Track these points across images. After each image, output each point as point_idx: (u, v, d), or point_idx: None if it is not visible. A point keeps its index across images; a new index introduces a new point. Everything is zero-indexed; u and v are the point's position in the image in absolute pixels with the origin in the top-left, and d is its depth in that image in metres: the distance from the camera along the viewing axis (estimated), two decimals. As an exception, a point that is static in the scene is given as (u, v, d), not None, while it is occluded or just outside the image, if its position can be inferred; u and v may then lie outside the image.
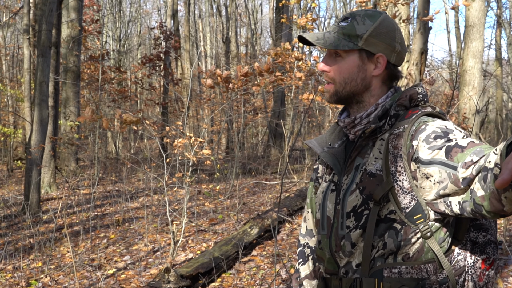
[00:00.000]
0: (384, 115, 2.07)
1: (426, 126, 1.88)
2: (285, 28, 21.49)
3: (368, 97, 2.14)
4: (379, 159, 2.01)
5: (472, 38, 13.07)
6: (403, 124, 1.99)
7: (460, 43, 27.95)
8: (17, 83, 27.36)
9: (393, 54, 2.11)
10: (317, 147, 2.24)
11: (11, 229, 10.92)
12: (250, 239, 8.10)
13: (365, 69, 2.11)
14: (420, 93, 2.07)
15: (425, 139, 1.84)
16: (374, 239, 1.98)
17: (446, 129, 1.84)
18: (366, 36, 2.08)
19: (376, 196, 1.97)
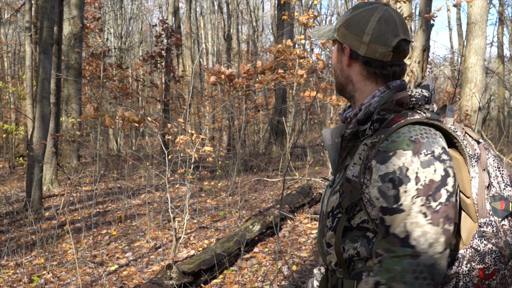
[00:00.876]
0: (368, 118, 2.01)
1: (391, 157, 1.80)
2: (286, 25, 21.48)
3: (354, 92, 2.11)
4: (357, 165, 1.98)
5: (474, 35, 13.07)
6: (382, 133, 1.91)
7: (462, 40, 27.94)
8: (19, 80, 27.38)
9: (361, 45, 2.02)
10: (328, 139, 2.21)
11: (13, 225, 10.92)
12: (252, 236, 8.10)
13: (341, 60, 2.11)
14: (414, 97, 1.96)
15: (381, 176, 1.81)
16: (347, 245, 1.99)
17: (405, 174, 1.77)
18: (338, 26, 2.08)
19: (343, 205, 1.98)
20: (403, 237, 1.76)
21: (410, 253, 1.73)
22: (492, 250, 1.82)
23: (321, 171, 15.55)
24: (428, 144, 1.79)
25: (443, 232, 1.74)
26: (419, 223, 1.74)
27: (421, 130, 1.83)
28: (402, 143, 1.80)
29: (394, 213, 1.78)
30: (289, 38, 19.85)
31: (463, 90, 13.31)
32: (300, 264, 7.21)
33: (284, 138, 20.32)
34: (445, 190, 1.75)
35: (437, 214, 1.74)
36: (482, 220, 1.85)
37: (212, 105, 22.96)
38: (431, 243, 1.73)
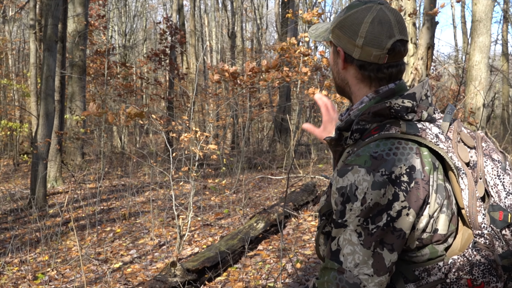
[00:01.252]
0: (350, 125, 1.96)
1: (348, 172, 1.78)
2: (290, 23, 21.48)
3: (351, 94, 2.07)
4: None
5: (479, 33, 13.04)
6: (358, 145, 1.89)
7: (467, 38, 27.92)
8: (23, 77, 27.43)
9: (355, 48, 1.95)
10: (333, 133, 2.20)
11: (17, 223, 10.94)
12: (256, 234, 8.10)
13: (337, 63, 2.06)
14: (393, 108, 1.87)
15: (338, 188, 1.79)
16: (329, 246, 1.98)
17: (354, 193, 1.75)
18: (332, 28, 2.02)
19: (321, 211, 1.99)
20: (334, 250, 1.78)
21: (336, 267, 1.75)
22: (480, 262, 1.79)
23: (325, 168, 15.55)
24: (391, 162, 1.75)
25: (372, 255, 1.73)
26: (351, 241, 1.74)
27: (393, 145, 1.79)
28: (361, 159, 1.77)
29: (338, 227, 1.79)
30: (294, 35, 19.85)
31: (467, 88, 13.29)
32: (304, 261, 7.21)
33: (288, 135, 20.33)
34: (386, 215, 1.73)
35: (371, 237, 1.73)
36: (475, 232, 1.82)
37: (216, 103, 22.96)
38: (357, 263, 1.73)
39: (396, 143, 1.79)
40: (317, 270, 6.85)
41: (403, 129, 1.83)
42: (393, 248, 1.74)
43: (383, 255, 1.73)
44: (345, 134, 1.97)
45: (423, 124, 1.89)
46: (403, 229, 1.74)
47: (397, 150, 1.77)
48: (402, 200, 1.73)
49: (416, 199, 1.74)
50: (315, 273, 6.72)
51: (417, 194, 1.74)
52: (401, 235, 1.74)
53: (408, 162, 1.76)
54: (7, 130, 22.15)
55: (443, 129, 1.93)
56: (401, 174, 1.74)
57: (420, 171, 1.76)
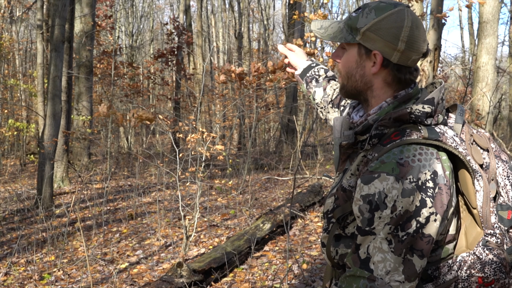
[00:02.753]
0: (366, 130, 1.95)
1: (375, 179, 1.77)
2: (297, 24, 21.46)
3: (371, 97, 2.04)
4: (354, 176, 1.97)
5: (486, 34, 13.03)
6: (377, 150, 1.88)
7: (474, 40, 27.86)
8: (30, 78, 27.48)
9: (395, 52, 1.93)
10: (337, 130, 2.13)
11: (24, 223, 10.96)
12: (262, 234, 8.10)
13: (363, 66, 2.01)
14: (413, 113, 1.88)
15: (363, 196, 1.78)
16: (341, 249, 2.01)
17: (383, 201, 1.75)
18: (364, 30, 1.96)
19: (335, 215, 1.99)
20: (363, 258, 1.77)
21: (366, 275, 1.75)
22: (493, 260, 1.81)
23: (332, 169, 15.54)
24: (417, 169, 1.76)
25: (403, 262, 1.73)
26: (382, 249, 1.75)
27: (416, 151, 1.79)
28: (388, 166, 1.77)
29: (365, 235, 1.79)
30: (300, 36, 19.85)
31: (474, 89, 13.27)
32: (310, 262, 7.21)
33: (294, 136, 20.33)
34: (415, 221, 1.73)
35: (401, 244, 1.74)
36: (487, 231, 1.84)
37: (223, 104, 22.99)
38: (388, 271, 1.73)
39: (418, 149, 1.79)
40: (323, 271, 6.84)
41: (424, 134, 1.83)
42: (422, 254, 1.75)
43: (413, 261, 1.74)
44: (359, 138, 1.97)
45: (440, 128, 1.90)
46: (431, 234, 1.75)
47: (420, 156, 1.78)
48: (429, 206, 1.74)
49: (441, 205, 1.76)
50: (321, 275, 6.71)
51: (441, 199, 1.76)
52: (430, 241, 1.75)
53: (431, 167, 1.77)
54: (14, 130, 22.20)
55: (456, 131, 1.95)
56: (426, 180, 1.75)
57: (442, 176, 1.78)
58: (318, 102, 2.83)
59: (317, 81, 2.85)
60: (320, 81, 2.84)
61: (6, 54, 24.86)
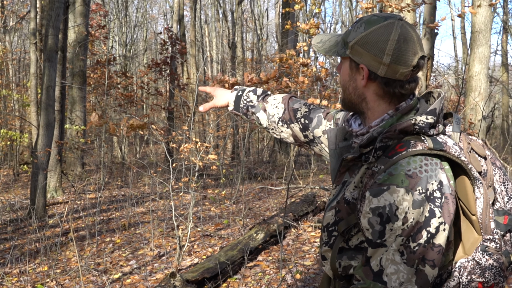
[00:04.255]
0: (370, 142, 1.95)
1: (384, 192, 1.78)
2: (290, 34, 21.50)
3: (367, 110, 2.05)
4: (358, 188, 1.97)
5: (479, 43, 13.07)
6: (383, 163, 1.88)
7: (466, 49, 27.96)
8: (24, 87, 27.42)
9: (381, 66, 1.94)
10: (332, 142, 2.19)
11: (17, 233, 10.93)
12: (255, 244, 8.10)
13: (355, 79, 2.04)
14: (417, 125, 1.89)
15: (373, 208, 1.80)
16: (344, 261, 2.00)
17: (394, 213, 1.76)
18: (352, 44, 1.99)
19: (340, 228, 1.99)
20: (376, 271, 1.78)
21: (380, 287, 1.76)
22: (493, 265, 1.84)
23: (325, 179, 15.55)
24: (425, 180, 1.77)
25: (415, 272, 1.75)
26: (394, 261, 1.75)
27: (422, 162, 1.80)
28: (397, 178, 1.78)
29: (376, 247, 1.79)
30: (294, 46, 19.89)
31: (467, 99, 13.31)
32: (304, 272, 7.21)
33: (288, 146, 20.31)
34: (426, 232, 1.75)
35: (413, 255, 1.75)
36: (486, 237, 1.86)
37: (216, 113, 22.97)
38: (401, 282, 1.74)
39: (424, 160, 1.81)
40: (317, 281, 6.84)
41: (429, 145, 1.85)
42: (434, 264, 1.77)
43: (425, 271, 1.76)
44: (363, 150, 1.96)
45: (441, 137, 1.92)
46: (441, 244, 1.77)
47: (426, 167, 1.79)
48: (438, 216, 1.76)
49: (448, 214, 1.78)
50: (314, 284, 6.71)
51: (448, 209, 1.78)
52: (440, 250, 1.77)
53: (437, 178, 1.79)
54: (7, 140, 22.14)
55: (455, 140, 1.96)
56: (434, 191, 1.77)
57: (448, 186, 1.80)
58: (266, 126, 2.81)
59: (253, 107, 2.82)
60: (256, 105, 2.81)
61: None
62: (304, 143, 2.70)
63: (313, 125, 2.57)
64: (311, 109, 2.63)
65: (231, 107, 2.89)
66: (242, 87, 2.91)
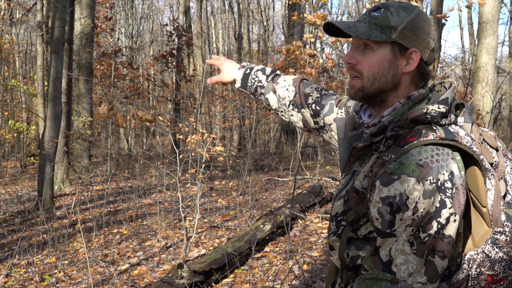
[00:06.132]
0: (381, 132, 1.93)
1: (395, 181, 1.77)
2: (297, 25, 21.45)
3: (393, 97, 2.01)
4: (368, 177, 1.95)
5: (486, 34, 13.00)
6: (394, 152, 1.85)
7: (474, 40, 27.87)
8: (30, 79, 27.48)
9: (427, 50, 1.96)
10: (341, 131, 2.17)
11: (24, 224, 10.96)
12: (262, 235, 8.10)
13: (396, 65, 1.96)
14: (429, 114, 1.87)
15: (383, 198, 1.78)
16: (352, 251, 1.99)
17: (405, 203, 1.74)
18: (401, 28, 1.92)
19: (348, 217, 1.97)
20: (385, 261, 1.77)
21: (389, 278, 1.75)
22: (502, 258, 1.82)
23: (332, 170, 15.53)
24: (436, 169, 1.76)
25: (425, 263, 1.74)
26: (404, 251, 1.74)
27: (433, 152, 1.79)
28: (408, 168, 1.77)
29: (386, 237, 1.78)
30: (300, 37, 19.84)
31: (474, 90, 13.25)
32: (311, 263, 7.21)
33: (295, 137, 20.33)
34: (436, 222, 1.74)
35: (423, 246, 1.74)
36: (496, 229, 1.85)
37: (223, 105, 22.98)
38: (411, 273, 1.73)
39: (435, 149, 1.79)
40: (324, 271, 6.84)
41: (441, 134, 1.83)
42: (444, 255, 1.75)
43: (434, 262, 1.75)
44: (373, 139, 1.94)
45: (453, 128, 1.91)
46: (451, 235, 1.76)
47: (438, 157, 1.78)
48: (449, 207, 1.75)
49: (459, 205, 1.77)
50: (321, 275, 6.71)
51: (458, 199, 1.77)
52: (450, 241, 1.76)
53: (449, 168, 1.77)
54: (14, 132, 22.20)
55: (466, 130, 1.94)
56: (445, 181, 1.75)
57: (459, 176, 1.78)
58: (276, 108, 2.75)
59: (262, 87, 2.76)
60: (265, 86, 2.75)
61: (6, 56, 24.85)
62: (314, 129, 2.65)
63: (325, 112, 2.52)
64: (323, 94, 2.58)
65: (238, 85, 2.83)
66: (250, 65, 2.85)
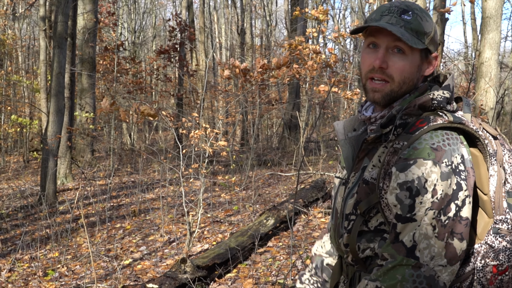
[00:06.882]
0: (390, 121, 1.96)
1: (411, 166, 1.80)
2: (299, 20, 21.41)
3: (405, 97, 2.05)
4: (377, 167, 1.97)
5: (489, 29, 12.97)
6: (405, 139, 1.88)
7: (477, 35, 27.80)
8: (33, 74, 27.50)
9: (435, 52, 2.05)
10: (341, 133, 2.19)
11: (27, 219, 10.98)
12: (266, 230, 8.10)
13: (422, 69, 2.02)
14: (435, 99, 1.92)
15: (400, 183, 1.81)
16: (363, 244, 2.00)
17: (423, 186, 1.77)
18: (432, 34, 1.98)
19: (360, 208, 1.97)
20: (409, 246, 1.78)
21: (412, 263, 1.76)
22: (506, 247, 1.83)
23: (335, 165, 15.52)
24: (449, 152, 1.80)
25: (445, 246, 1.76)
26: (427, 235, 1.76)
27: (443, 136, 1.83)
28: (423, 152, 1.80)
29: (406, 222, 1.80)
30: (303, 32, 19.82)
31: (477, 85, 13.22)
32: (314, 258, 7.20)
33: (297, 132, 20.30)
34: (454, 205, 1.77)
35: (444, 229, 1.76)
36: (498, 217, 1.87)
37: (225, 100, 22.97)
38: (433, 256, 1.75)
39: (445, 134, 1.84)
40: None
41: (450, 118, 1.87)
42: (462, 237, 1.78)
43: (454, 244, 1.77)
44: (383, 131, 1.97)
45: (459, 113, 1.97)
46: (468, 217, 1.80)
47: (449, 141, 1.82)
48: (465, 189, 1.79)
49: (471, 187, 1.82)
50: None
51: (470, 182, 1.82)
52: (467, 223, 1.80)
53: (459, 151, 1.82)
54: (17, 127, 22.23)
55: (468, 120, 1.97)
56: (458, 164, 1.80)
57: (469, 160, 1.84)
58: None
59: None
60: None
61: (9, 51, 24.87)
62: None
63: None
64: None
65: None
66: None
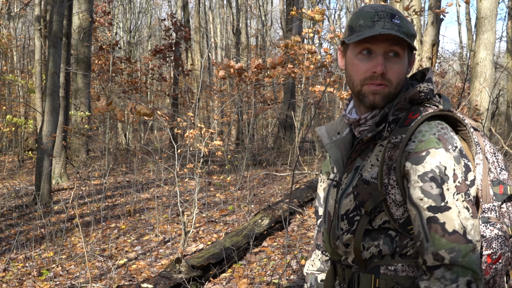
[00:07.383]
0: (383, 119, 1.99)
1: (426, 157, 1.82)
2: (295, 20, 21.44)
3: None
4: (376, 166, 1.98)
5: (484, 29, 12.99)
6: (401, 132, 1.92)
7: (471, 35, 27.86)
8: (28, 74, 27.43)
9: None
10: (325, 137, 2.21)
11: (22, 219, 10.97)
12: (260, 230, 8.11)
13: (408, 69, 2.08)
14: (423, 92, 1.97)
15: (420, 175, 1.82)
16: (367, 243, 2.00)
17: (444, 173, 1.80)
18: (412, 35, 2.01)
19: (367, 207, 1.97)
20: (462, 233, 1.77)
21: (472, 248, 1.77)
22: (498, 235, 1.86)
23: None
24: (450, 139, 1.85)
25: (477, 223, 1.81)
26: (467, 218, 1.78)
27: (438, 126, 1.88)
28: (431, 142, 1.83)
29: (445, 211, 1.80)
30: (299, 32, 19.84)
31: (472, 85, 13.24)
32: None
33: (293, 132, 20.32)
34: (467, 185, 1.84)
35: (474, 207, 1.81)
36: (486, 206, 1.90)
37: (221, 99, 22.96)
38: (478, 236, 1.79)
39: (438, 124, 1.90)
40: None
41: (440, 107, 1.94)
42: (475, 215, 1.83)
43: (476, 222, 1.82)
44: (376, 130, 1.99)
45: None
46: (475, 196, 1.88)
47: (444, 130, 1.88)
48: (472, 170, 1.88)
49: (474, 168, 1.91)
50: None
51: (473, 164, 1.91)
52: (474, 202, 1.86)
53: (455, 137, 1.89)
54: (12, 126, 22.17)
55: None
56: (461, 147, 1.88)
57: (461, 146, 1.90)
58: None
59: None
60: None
61: (4, 51, 24.82)
62: None
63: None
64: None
65: None
66: None
